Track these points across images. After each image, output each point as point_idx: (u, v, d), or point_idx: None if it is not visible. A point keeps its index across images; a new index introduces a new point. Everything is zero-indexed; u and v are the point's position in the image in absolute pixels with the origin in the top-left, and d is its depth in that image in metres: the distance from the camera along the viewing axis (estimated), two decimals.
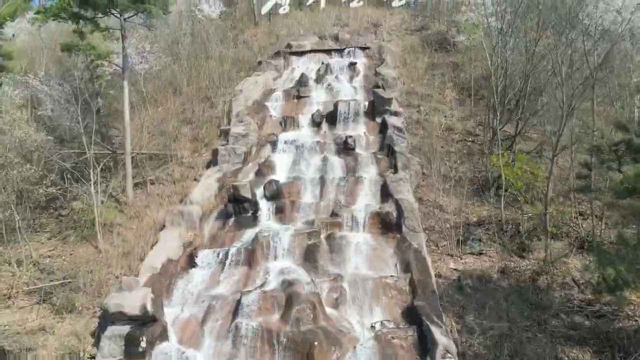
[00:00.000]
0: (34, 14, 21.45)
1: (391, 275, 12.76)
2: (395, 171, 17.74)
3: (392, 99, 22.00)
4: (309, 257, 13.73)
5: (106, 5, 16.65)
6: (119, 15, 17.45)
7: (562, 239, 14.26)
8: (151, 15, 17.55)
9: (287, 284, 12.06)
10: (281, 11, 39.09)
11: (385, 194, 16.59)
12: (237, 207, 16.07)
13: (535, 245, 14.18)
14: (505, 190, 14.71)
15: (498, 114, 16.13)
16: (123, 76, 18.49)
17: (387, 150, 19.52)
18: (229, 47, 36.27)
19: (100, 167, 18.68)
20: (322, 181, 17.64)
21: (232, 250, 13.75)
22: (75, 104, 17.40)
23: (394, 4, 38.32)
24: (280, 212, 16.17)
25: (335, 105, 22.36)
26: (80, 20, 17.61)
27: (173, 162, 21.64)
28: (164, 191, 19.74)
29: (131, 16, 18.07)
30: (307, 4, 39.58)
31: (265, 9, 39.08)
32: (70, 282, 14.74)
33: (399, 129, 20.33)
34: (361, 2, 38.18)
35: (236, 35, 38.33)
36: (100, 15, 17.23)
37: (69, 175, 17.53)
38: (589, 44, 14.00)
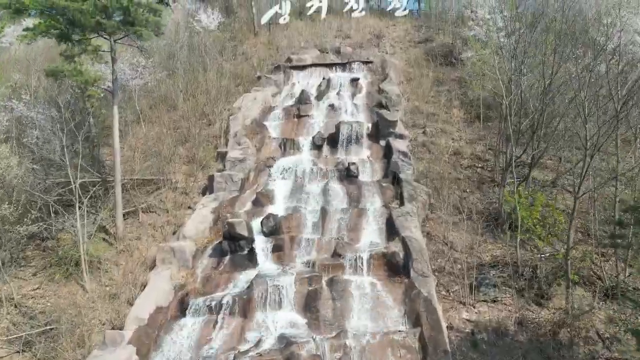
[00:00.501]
0: (22, 30, 20.54)
1: (399, 331, 11.70)
2: (402, 203, 16.69)
3: (396, 121, 20.97)
4: (310, 306, 12.67)
5: (94, 27, 15.59)
6: (108, 37, 16.40)
7: (583, 285, 13.16)
8: (142, 39, 16.48)
9: (286, 343, 10.99)
10: (281, 21, 37.99)
11: (391, 229, 15.55)
12: (232, 245, 15.01)
13: (555, 292, 13.08)
14: (522, 232, 13.60)
15: (513, 147, 14.94)
16: (113, 101, 17.42)
17: (392, 177, 18.47)
18: (228, 59, 35.28)
19: (89, 196, 17.66)
20: (324, 213, 16.56)
21: (226, 299, 12.66)
22: (62, 132, 16.31)
23: (397, 14, 37.19)
24: (278, 250, 15.09)
25: (337, 127, 21.30)
26: (68, 42, 16.57)
27: (167, 188, 20.55)
28: (157, 221, 18.68)
29: (121, 37, 17.02)
30: (308, 13, 38.46)
31: (265, 19, 38.02)
32: (52, 328, 13.68)
33: (405, 154, 19.28)
34: (363, 12, 37.07)
35: (235, 46, 37.28)
36: (89, 36, 16.17)
37: (54, 208, 16.43)
38: (613, 73, 12.87)
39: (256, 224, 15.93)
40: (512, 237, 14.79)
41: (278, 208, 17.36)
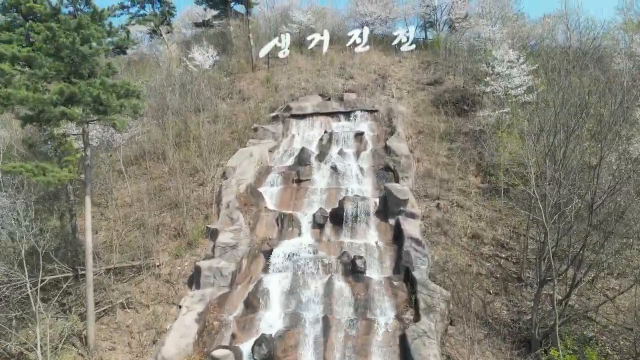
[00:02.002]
0: None
1: None
2: (416, 313, 14.40)
3: (407, 199, 18.65)
4: None
5: (59, 117, 13.33)
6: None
7: None
8: (116, 127, 14.19)
9: None
10: (281, 55, 35.78)
11: (406, 353, 13.25)
12: None
13: None
14: None
15: (550, 260, 12.51)
16: (85, 190, 15.11)
17: (405, 274, 16.19)
18: (223, 97, 33.11)
19: (57, 294, 15.42)
20: (326, 326, 14.28)
21: None
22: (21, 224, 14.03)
23: (402, 49, 34.95)
24: None
25: (341, 203, 19.00)
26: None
27: (149, 274, 18.27)
28: (136, 321, 16.36)
29: (93, 122, 14.76)
30: (309, 47, 36.25)
31: (263, 52, 35.75)
32: None
33: (418, 242, 16.97)
34: (367, 47, 34.81)
35: (232, 82, 35.05)
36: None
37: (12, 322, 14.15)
38: None
39: (247, 347, 13.61)
40: None
41: (273, 314, 15.09)
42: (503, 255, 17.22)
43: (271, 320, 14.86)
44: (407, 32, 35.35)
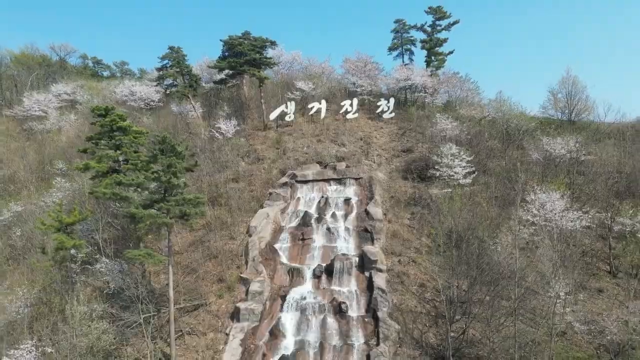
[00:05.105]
0: (81, 165, 27.26)
1: None
2: (377, 341, 23.29)
3: (377, 259, 27.53)
4: None
5: (159, 224, 22.19)
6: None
7: None
8: (192, 227, 23.07)
9: None
10: (287, 118, 44.75)
11: None
12: None
13: None
14: None
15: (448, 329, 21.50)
16: (168, 261, 23.99)
17: (372, 313, 25.08)
18: (242, 157, 41.98)
19: (150, 327, 24.31)
20: (322, 349, 23.16)
21: None
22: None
23: (384, 116, 43.93)
24: None
25: (332, 261, 27.90)
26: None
27: (202, 310, 27.16)
28: (199, 343, 25.26)
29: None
30: (309, 113, 45.21)
31: (273, 115, 44.71)
32: None
33: (382, 290, 25.84)
34: (356, 115, 43.74)
35: (248, 140, 44.02)
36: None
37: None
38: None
39: None
40: None
41: (289, 341, 24.00)
42: (438, 300, 26.10)
43: (288, 345, 23.73)
44: (388, 102, 44.25)
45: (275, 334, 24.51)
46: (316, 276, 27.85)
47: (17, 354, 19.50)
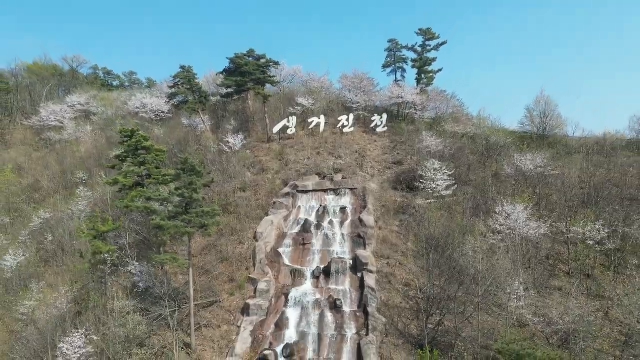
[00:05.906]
0: (111, 180, 31.57)
1: None
2: (367, 332, 27.47)
3: (368, 262, 31.72)
4: None
5: (182, 233, 26.32)
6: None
7: None
8: (210, 235, 27.22)
9: None
10: (289, 132, 48.94)
11: (359, 353, 26.34)
12: None
13: None
14: None
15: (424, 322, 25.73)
16: (189, 264, 28.12)
17: (363, 308, 29.27)
18: (248, 168, 46.12)
19: (174, 318, 28.47)
20: (320, 338, 27.37)
21: None
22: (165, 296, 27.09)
23: (378, 130, 48.12)
24: None
25: (329, 263, 32.09)
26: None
27: (217, 306, 31.34)
28: (214, 334, 29.43)
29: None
30: (309, 127, 49.37)
31: (276, 129, 48.90)
32: None
33: (372, 289, 30.03)
34: (352, 129, 47.92)
35: (253, 152, 48.22)
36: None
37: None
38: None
39: (279, 350, 26.72)
40: None
41: (292, 332, 28.17)
42: (420, 297, 30.28)
43: (291, 335, 27.89)
44: (381, 117, 48.42)
45: (280, 326, 28.67)
46: (315, 276, 32.00)
47: (70, 341, 23.66)
